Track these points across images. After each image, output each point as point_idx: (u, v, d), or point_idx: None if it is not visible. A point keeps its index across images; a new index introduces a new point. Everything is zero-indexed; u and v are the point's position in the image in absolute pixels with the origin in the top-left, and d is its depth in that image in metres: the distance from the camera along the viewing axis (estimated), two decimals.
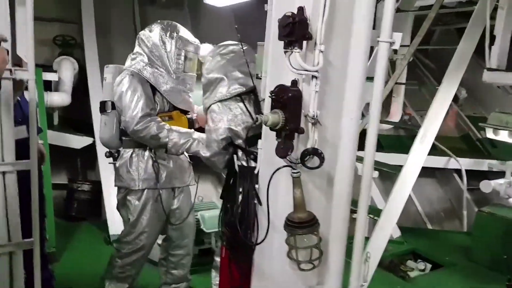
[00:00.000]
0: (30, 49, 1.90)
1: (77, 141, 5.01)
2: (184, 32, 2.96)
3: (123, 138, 2.87)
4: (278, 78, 1.82)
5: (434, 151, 5.50)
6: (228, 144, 2.33)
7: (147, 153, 2.85)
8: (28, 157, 1.99)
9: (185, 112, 3.00)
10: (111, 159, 3.00)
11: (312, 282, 1.92)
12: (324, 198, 1.88)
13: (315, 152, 1.69)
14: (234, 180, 2.10)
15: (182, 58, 2.88)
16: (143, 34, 2.94)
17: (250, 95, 2.40)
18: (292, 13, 1.62)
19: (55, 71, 5.08)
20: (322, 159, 1.70)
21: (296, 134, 1.71)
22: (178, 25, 3.00)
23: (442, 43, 6.85)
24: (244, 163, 2.27)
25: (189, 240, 3.19)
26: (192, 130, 2.85)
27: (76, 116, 5.46)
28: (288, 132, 1.67)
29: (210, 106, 2.41)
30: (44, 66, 5.02)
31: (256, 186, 2.02)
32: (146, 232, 2.90)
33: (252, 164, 2.26)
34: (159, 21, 3.00)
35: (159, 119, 2.77)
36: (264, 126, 1.87)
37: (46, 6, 5.32)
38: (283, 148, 1.67)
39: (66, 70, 5.16)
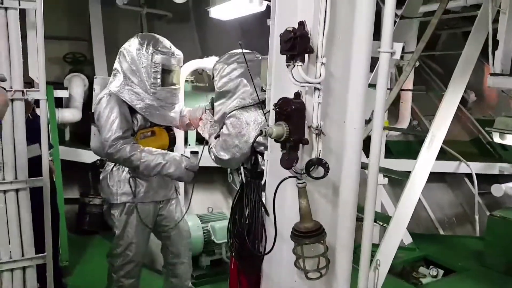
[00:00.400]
0: (42, 70, 1.97)
1: (88, 156, 5.07)
2: (163, 44, 2.85)
3: None
4: (282, 90, 1.86)
5: (443, 155, 5.48)
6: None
7: (125, 168, 2.88)
8: (40, 174, 2.06)
9: (168, 127, 2.99)
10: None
11: None
12: (330, 207, 1.90)
13: (319, 162, 1.73)
14: (242, 191, 2.14)
15: (159, 72, 2.78)
16: (124, 48, 2.87)
17: None
18: (293, 28, 1.67)
19: (66, 88, 5.18)
20: (326, 169, 1.73)
21: (300, 145, 1.75)
22: (157, 36, 2.90)
23: (448, 47, 6.84)
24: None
25: (184, 248, 3.22)
26: (166, 151, 2.84)
27: (86, 131, 5.55)
28: (292, 144, 1.70)
29: (230, 112, 2.43)
30: (55, 83, 5.12)
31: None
32: (133, 243, 2.93)
33: None
34: (138, 34, 2.92)
35: (134, 141, 2.77)
36: (269, 138, 1.91)
37: (56, 25, 5.44)
38: (288, 159, 1.70)
39: (77, 86, 5.25)
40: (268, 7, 3.97)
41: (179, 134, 4.25)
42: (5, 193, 2.01)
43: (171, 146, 3.01)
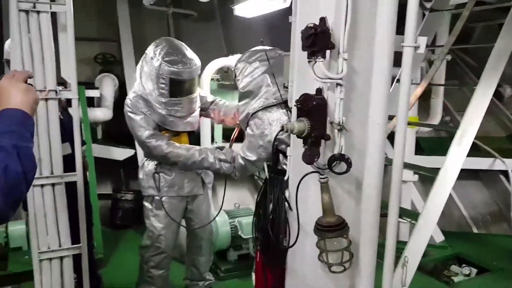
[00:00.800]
0: (73, 71, 2.06)
1: (120, 153, 5.24)
2: (175, 54, 2.76)
3: None
4: (304, 87, 1.87)
5: (477, 152, 5.32)
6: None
7: (152, 163, 2.99)
8: (70, 171, 2.16)
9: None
10: None
11: (344, 285, 1.95)
12: (353, 203, 1.90)
13: (342, 157, 1.73)
14: (265, 187, 2.17)
15: (167, 84, 2.72)
16: (146, 51, 2.87)
17: None
18: (314, 24, 1.67)
19: (97, 88, 5.35)
20: (349, 165, 1.74)
21: (322, 141, 1.76)
22: (172, 44, 2.83)
23: (483, 40, 6.60)
24: (285, 167, 2.30)
25: (204, 243, 3.34)
26: (200, 147, 2.92)
27: (117, 130, 5.72)
28: (314, 139, 1.71)
29: (254, 113, 2.44)
30: (87, 83, 5.31)
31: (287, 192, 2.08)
32: (162, 235, 3.05)
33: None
34: (161, 38, 2.89)
35: (167, 137, 2.84)
36: (292, 134, 1.93)
37: (86, 27, 5.61)
38: (310, 154, 1.72)
39: (107, 86, 5.41)
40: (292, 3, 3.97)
41: (206, 132, 4.33)
42: (42, 187, 2.12)
43: None
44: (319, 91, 1.74)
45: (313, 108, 1.70)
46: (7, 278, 3.63)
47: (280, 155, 2.37)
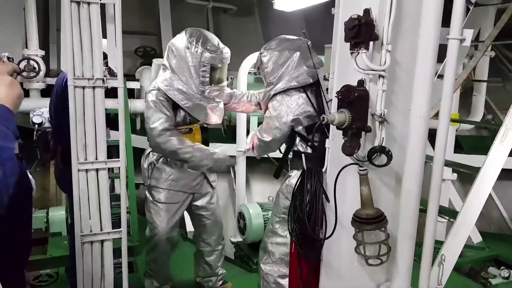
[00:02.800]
0: (119, 61, 2.13)
1: None
2: (211, 42, 2.81)
3: None
4: (345, 78, 1.86)
5: None
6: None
7: (152, 154, 3.00)
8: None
9: (203, 127, 3.04)
10: None
11: (380, 279, 1.94)
12: (393, 196, 1.89)
13: (382, 150, 1.72)
14: (302, 178, 2.17)
15: (207, 71, 2.76)
16: (172, 43, 2.87)
17: (312, 87, 2.56)
18: (358, 15, 1.67)
19: (138, 80, 5.49)
20: (389, 157, 1.73)
21: (363, 133, 1.75)
22: (205, 33, 2.87)
23: None
24: (301, 149, 2.53)
25: (216, 238, 3.30)
26: (205, 147, 2.91)
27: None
28: (354, 131, 1.71)
29: (274, 94, 2.59)
30: (127, 75, 5.43)
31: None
32: (157, 228, 3.02)
33: (309, 150, 2.49)
34: (187, 29, 2.88)
35: (179, 135, 2.82)
36: (331, 126, 1.93)
37: (128, 21, 5.76)
38: (350, 146, 1.72)
39: (147, 79, 5.52)
40: None
41: (242, 125, 4.37)
42: (87, 172, 2.20)
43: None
44: (361, 82, 1.73)
45: (354, 99, 1.69)
46: (47, 261, 3.78)
47: (297, 137, 2.53)
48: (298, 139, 2.55)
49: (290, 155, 2.74)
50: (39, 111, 3.84)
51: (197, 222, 3.29)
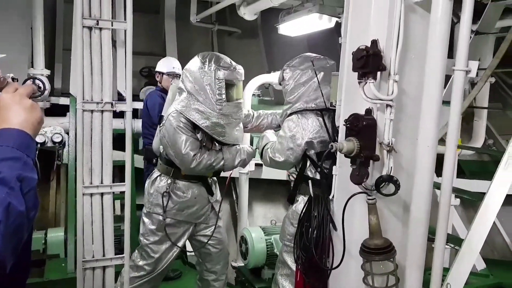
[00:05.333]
0: (129, 85, 2.15)
1: None
2: (224, 60, 2.85)
3: (160, 161, 2.94)
4: (352, 106, 1.88)
5: None
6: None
7: (165, 179, 2.87)
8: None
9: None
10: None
11: None
12: (401, 225, 1.88)
13: (390, 179, 1.72)
14: (309, 204, 2.17)
15: (223, 88, 2.74)
16: (186, 68, 2.86)
17: (330, 111, 2.50)
18: (366, 46, 1.69)
19: (142, 100, 5.51)
20: (397, 186, 1.73)
21: (371, 161, 1.75)
22: (217, 54, 2.91)
23: None
24: (310, 174, 2.49)
25: (222, 267, 3.19)
26: (235, 147, 2.92)
27: None
28: (363, 159, 1.71)
29: (290, 114, 2.57)
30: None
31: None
32: (159, 259, 2.85)
33: (317, 176, 2.45)
34: (199, 54, 2.89)
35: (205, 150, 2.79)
36: (339, 153, 1.93)
37: (134, 41, 5.84)
38: (358, 175, 1.72)
39: None
40: (337, 23, 4.02)
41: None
42: (91, 196, 2.18)
43: None
44: (369, 111, 1.75)
45: (363, 128, 1.70)
46: (44, 285, 3.64)
47: (308, 161, 2.49)
48: (308, 163, 2.50)
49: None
50: (43, 130, 3.85)
51: (201, 250, 3.14)
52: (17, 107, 1.12)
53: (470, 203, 5.14)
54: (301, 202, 2.51)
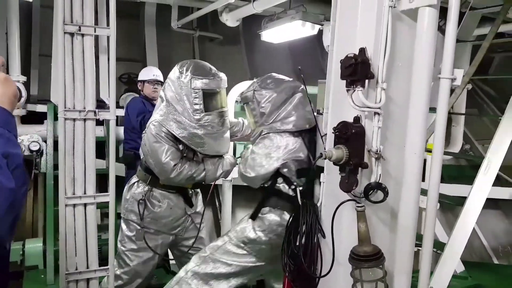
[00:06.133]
0: (112, 93, 2.11)
1: None
2: (202, 68, 2.76)
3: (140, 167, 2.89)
4: (340, 114, 1.89)
5: (497, 181, 5.24)
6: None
7: (142, 186, 2.82)
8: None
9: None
10: None
11: None
12: (388, 232, 1.89)
13: (378, 186, 1.73)
14: (297, 212, 2.16)
15: (200, 97, 2.65)
16: (168, 77, 2.80)
17: (308, 132, 2.50)
18: (354, 54, 1.70)
19: (122, 107, 5.42)
20: (386, 193, 1.74)
21: (359, 169, 1.76)
22: (196, 61, 2.84)
23: (503, 70, 6.62)
24: (283, 189, 2.45)
25: None
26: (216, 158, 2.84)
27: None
28: (352, 167, 1.72)
29: (266, 133, 2.53)
30: None
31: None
32: (136, 269, 2.80)
33: (291, 193, 2.42)
34: (180, 62, 2.83)
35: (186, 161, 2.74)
36: (326, 161, 1.93)
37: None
38: (348, 182, 1.72)
39: None
40: (319, 31, 4.06)
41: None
42: (74, 207, 2.13)
43: None
44: (357, 119, 1.75)
45: (351, 136, 1.71)
46: None
47: (280, 177, 2.45)
48: (281, 179, 2.45)
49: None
50: (19, 138, 3.74)
51: (182, 260, 3.03)
52: None
53: (448, 207, 5.24)
54: (269, 212, 2.47)
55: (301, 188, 2.35)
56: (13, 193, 0.94)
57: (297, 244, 2.08)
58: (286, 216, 2.39)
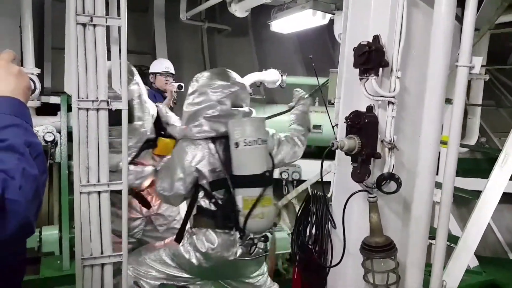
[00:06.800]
0: (124, 83, 2.11)
1: None
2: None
3: None
4: (352, 104, 1.86)
5: None
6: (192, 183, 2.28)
7: None
8: None
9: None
10: None
11: None
12: (401, 224, 1.87)
13: (391, 177, 1.71)
14: (307, 203, 2.15)
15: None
16: None
17: (221, 139, 2.28)
18: (368, 41, 1.67)
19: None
20: (399, 184, 1.71)
21: (372, 159, 1.73)
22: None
23: None
24: (203, 204, 2.28)
25: None
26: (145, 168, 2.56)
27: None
28: (364, 157, 1.70)
29: (180, 139, 2.36)
30: None
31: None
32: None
33: (212, 207, 2.24)
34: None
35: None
36: (337, 151, 1.91)
37: None
38: (360, 173, 1.70)
39: None
40: (330, 20, 4.00)
41: None
42: (88, 194, 2.15)
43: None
44: (370, 108, 1.73)
45: (364, 125, 1.69)
46: (39, 282, 3.68)
47: (201, 191, 2.27)
48: (202, 194, 2.27)
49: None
50: (34, 129, 3.78)
51: None
52: (5, 74, 1.09)
53: (462, 201, 5.16)
54: (196, 234, 2.29)
55: (220, 201, 2.23)
56: (36, 180, 0.97)
57: (307, 234, 2.07)
58: (211, 235, 2.26)
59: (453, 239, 3.40)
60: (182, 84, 4.33)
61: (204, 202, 2.30)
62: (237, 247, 2.25)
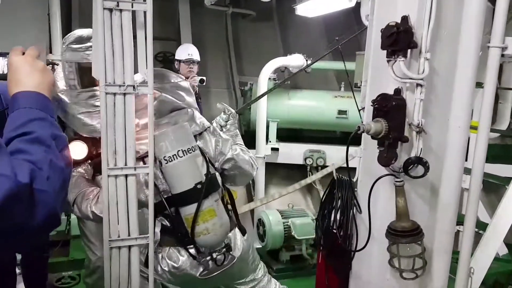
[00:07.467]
0: (150, 67, 2.12)
1: None
2: (80, 37, 2.30)
3: None
4: (379, 86, 1.83)
5: None
6: None
7: None
8: None
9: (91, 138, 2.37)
10: None
11: None
12: (428, 209, 1.84)
13: (419, 161, 1.68)
14: (332, 187, 2.14)
15: (73, 72, 2.28)
16: None
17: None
18: (396, 22, 1.63)
19: None
20: (426, 168, 1.68)
21: (399, 143, 1.71)
22: (76, 31, 2.34)
23: None
24: (163, 223, 2.21)
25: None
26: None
27: None
28: (391, 141, 1.67)
29: None
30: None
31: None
32: None
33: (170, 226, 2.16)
34: None
35: None
36: (363, 135, 1.89)
37: None
38: (386, 156, 1.67)
39: None
40: (357, 3, 3.91)
41: (261, 133, 4.29)
42: (116, 177, 2.18)
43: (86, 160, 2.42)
44: (398, 91, 1.69)
45: (392, 108, 1.65)
46: (69, 263, 3.84)
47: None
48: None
49: None
50: None
51: None
52: (31, 70, 1.12)
53: (491, 187, 5.02)
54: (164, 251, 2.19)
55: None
56: (63, 172, 0.99)
57: (332, 219, 2.06)
58: (174, 253, 2.20)
59: (481, 226, 3.34)
60: (204, 78, 4.34)
61: (164, 221, 2.24)
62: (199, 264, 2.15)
